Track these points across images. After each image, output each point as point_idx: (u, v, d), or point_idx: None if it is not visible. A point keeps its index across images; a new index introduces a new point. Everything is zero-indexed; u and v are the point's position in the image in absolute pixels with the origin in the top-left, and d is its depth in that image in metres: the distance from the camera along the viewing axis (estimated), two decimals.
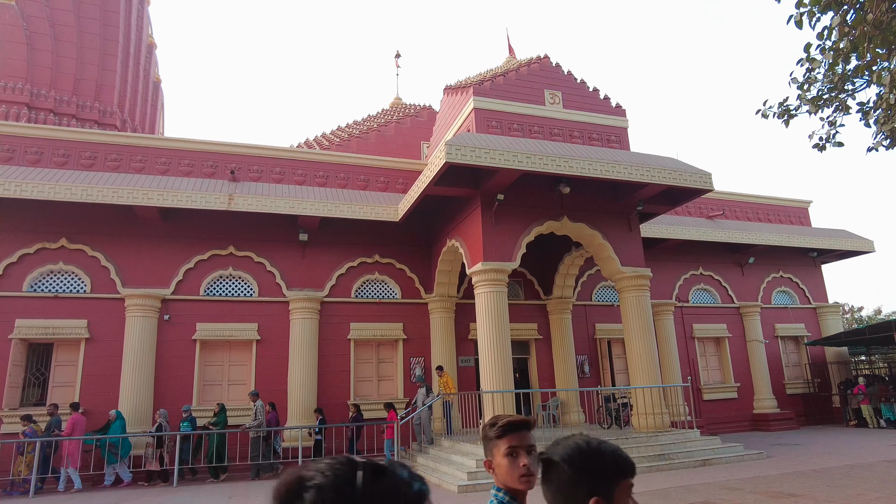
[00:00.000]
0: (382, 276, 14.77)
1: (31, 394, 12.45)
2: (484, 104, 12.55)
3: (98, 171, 13.10)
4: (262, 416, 11.86)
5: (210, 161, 13.92)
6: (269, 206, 12.99)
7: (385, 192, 14.82)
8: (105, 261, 12.92)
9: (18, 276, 12.44)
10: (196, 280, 13.41)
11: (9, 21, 17.14)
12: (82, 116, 17.82)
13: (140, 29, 21.80)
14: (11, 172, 12.00)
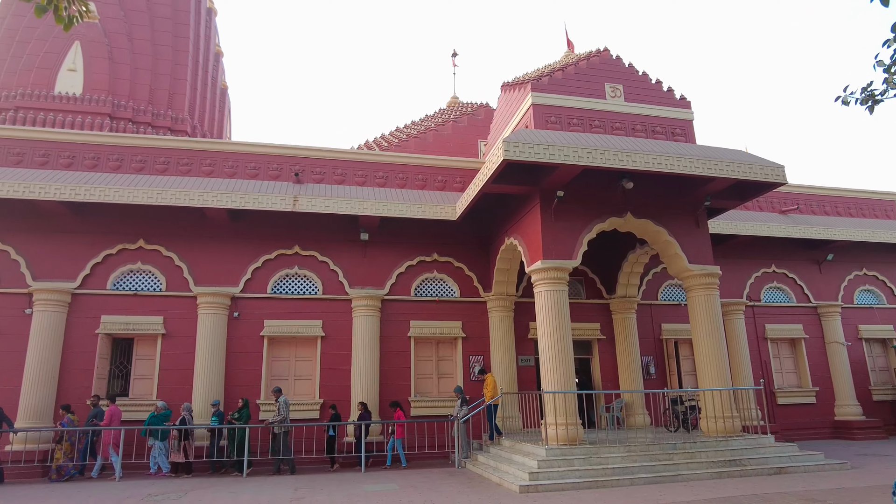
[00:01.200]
0: (441, 275, 14.91)
1: (115, 385, 13.34)
2: (542, 100, 12.45)
3: (171, 175, 13.86)
4: (285, 412, 12.08)
5: (275, 164, 14.46)
6: (331, 207, 13.37)
7: (443, 191, 14.95)
8: (178, 260, 13.67)
9: (103, 275, 13.35)
10: (264, 278, 13.98)
11: (94, 38, 18.38)
12: (157, 124, 18.89)
13: (208, 39, 22.89)
14: (96, 178, 12.89)
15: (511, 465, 10.34)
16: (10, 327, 12.70)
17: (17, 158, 13.40)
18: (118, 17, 19.03)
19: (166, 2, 20.24)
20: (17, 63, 18.06)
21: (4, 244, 13.10)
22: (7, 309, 12.79)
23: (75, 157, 13.65)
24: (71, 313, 13.01)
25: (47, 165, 13.45)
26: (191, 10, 20.86)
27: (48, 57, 17.98)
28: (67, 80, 18.02)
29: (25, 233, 13.24)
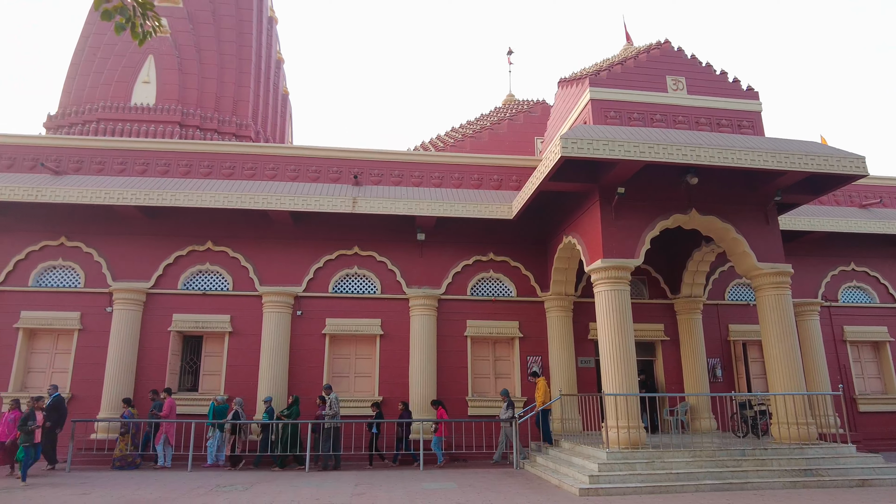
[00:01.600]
0: (497, 274, 14.88)
1: (185, 380, 14.05)
2: (601, 94, 12.21)
3: (237, 179, 14.47)
4: (336, 408, 12.30)
5: (335, 167, 14.84)
6: (389, 208, 13.59)
7: (499, 189, 14.91)
8: (244, 261, 14.24)
9: (174, 275, 14.09)
10: (325, 278, 14.37)
11: (165, 52, 19.43)
12: (223, 130, 19.73)
13: (269, 46, 23.73)
14: (167, 184, 13.62)
15: (570, 468, 10.20)
16: (94, 324, 13.61)
17: (98, 167, 14.34)
18: (187, 30, 20.01)
19: (230, 13, 21.13)
20: (99, 77, 19.30)
21: (88, 247, 14.04)
22: (92, 307, 13.71)
23: (149, 163, 14.47)
24: (146, 311, 13.80)
25: (125, 172, 14.32)
26: (253, 20, 21.69)
27: (125, 71, 19.12)
28: (142, 92, 19.10)
29: (106, 236, 14.14)
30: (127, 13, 4.74)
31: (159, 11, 19.48)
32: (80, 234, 14.12)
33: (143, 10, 4.82)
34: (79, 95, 19.27)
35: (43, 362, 13.67)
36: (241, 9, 21.59)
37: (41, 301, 13.68)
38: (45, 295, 13.73)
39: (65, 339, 13.72)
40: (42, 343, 13.77)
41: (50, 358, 13.69)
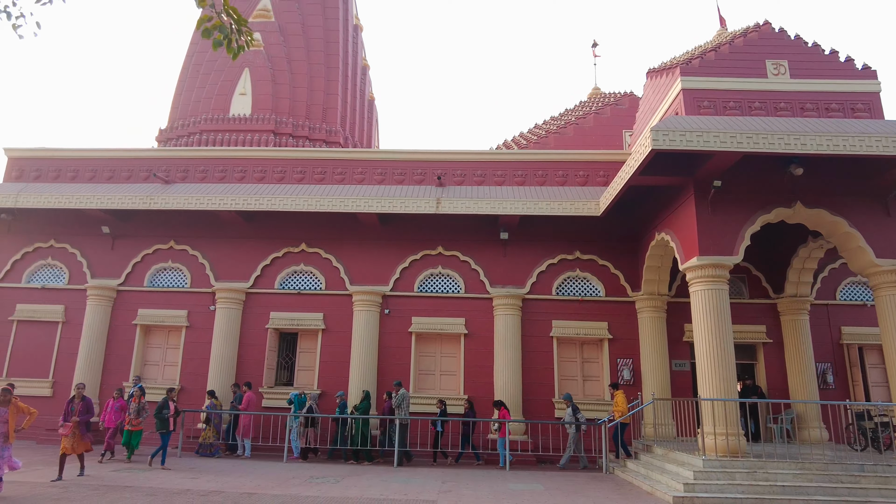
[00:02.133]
0: (584, 274, 14.55)
1: (281, 375, 14.85)
2: (693, 84, 11.63)
3: (328, 183, 15.11)
4: (405, 404, 12.51)
5: (419, 169, 15.13)
6: (471, 208, 13.67)
7: (585, 185, 14.58)
8: (335, 262, 14.84)
9: (271, 275, 14.92)
10: (411, 278, 14.69)
11: (259, 64, 20.63)
12: (313, 137, 20.66)
13: (355, 54, 24.57)
14: (264, 189, 14.46)
15: (663, 475, 9.79)
16: (199, 321, 14.70)
17: (202, 175, 15.47)
18: (278, 42, 21.13)
19: (318, 24, 22.08)
20: (202, 92, 20.82)
21: (194, 249, 15.18)
22: (197, 306, 14.82)
23: (246, 170, 15.42)
24: (245, 310, 14.72)
25: (225, 179, 15.36)
26: (340, 30, 22.55)
27: (224, 84, 20.48)
28: (239, 103, 20.38)
29: (210, 239, 15.23)
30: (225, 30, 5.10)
31: (254, 26, 20.72)
32: (187, 237, 15.28)
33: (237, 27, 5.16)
34: (184, 110, 20.87)
35: (156, 356, 14.94)
36: (328, 19, 22.52)
37: (154, 300, 14.96)
38: (158, 294, 15.00)
39: (174, 335, 14.92)
40: (155, 338, 15.05)
41: (162, 352, 14.94)
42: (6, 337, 14.95)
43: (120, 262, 15.24)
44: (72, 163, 15.87)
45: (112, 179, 15.58)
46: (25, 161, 16.01)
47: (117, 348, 14.74)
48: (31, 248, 15.47)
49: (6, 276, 15.37)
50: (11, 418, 8.16)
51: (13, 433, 8.18)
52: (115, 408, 12.13)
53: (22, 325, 15.04)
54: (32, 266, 15.43)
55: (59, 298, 15.11)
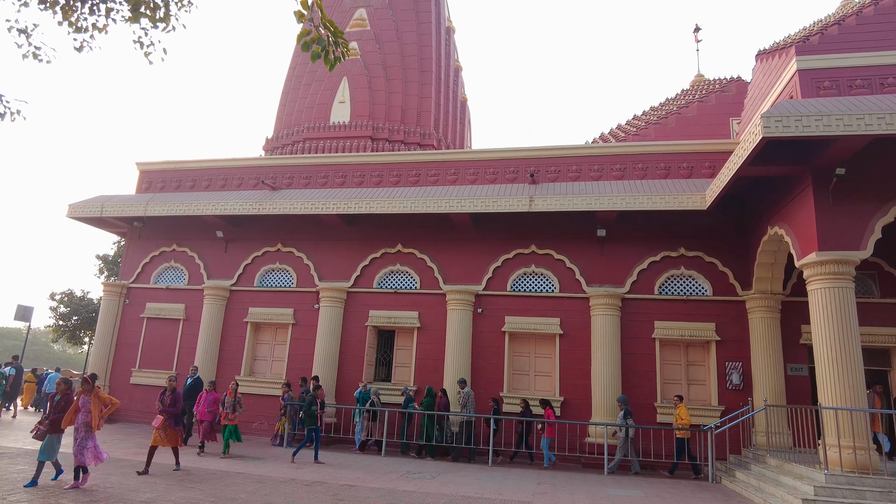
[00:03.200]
0: (689, 271, 13.79)
1: (380, 371, 15.35)
2: (810, 63, 10.67)
3: (422, 185, 15.44)
4: (467, 403, 12.60)
5: (511, 167, 15.07)
6: (566, 205, 13.40)
7: (689, 178, 13.83)
8: (430, 262, 15.12)
9: (370, 275, 15.47)
10: (503, 277, 14.65)
11: (357, 73, 21.48)
12: (408, 140, 21.19)
13: (448, 56, 24.89)
14: (362, 193, 15.02)
15: (778, 487, 9.06)
16: (304, 319, 15.54)
17: (305, 181, 16.36)
18: (374, 50, 21.88)
19: (412, 29, 22.61)
20: (304, 102, 22.02)
21: (299, 251, 16.07)
22: (302, 304, 15.68)
23: (346, 175, 16.11)
24: (346, 308, 15.36)
25: (327, 184, 16.14)
26: (432, 33, 22.95)
27: (325, 94, 21.52)
28: (339, 111, 21.33)
29: (313, 241, 16.06)
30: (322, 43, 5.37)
31: (350, 36, 21.59)
32: (293, 240, 16.21)
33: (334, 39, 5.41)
34: (289, 120, 22.16)
35: (265, 352, 15.98)
36: (420, 23, 23.00)
37: (263, 299, 16.01)
38: (267, 294, 16.03)
39: (282, 332, 15.88)
40: (264, 335, 16.10)
41: (270, 348, 15.96)
42: (138, 332, 16.64)
43: (232, 263, 16.46)
44: (190, 173, 17.37)
45: (225, 187, 16.87)
46: (153, 173, 17.74)
47: (230, 344, 15.93)
48: (158, 252, 17.10)
49: (138, 277, 17.11)
50: (94, 408, 8.11)
51: (99, 421, 8.10)
52: (209, 401, 11.87)
53: (151, 322, 16.66)
54: (159, 268, 17.06)
55: (181, 298, 16.58)
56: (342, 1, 23.03)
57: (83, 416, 8.07)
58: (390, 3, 22.88)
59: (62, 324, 28.40)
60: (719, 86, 17.78)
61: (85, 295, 29.44)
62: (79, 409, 8.13)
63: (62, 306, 28.44)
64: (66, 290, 28.92)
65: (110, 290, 17.02)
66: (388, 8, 22.64)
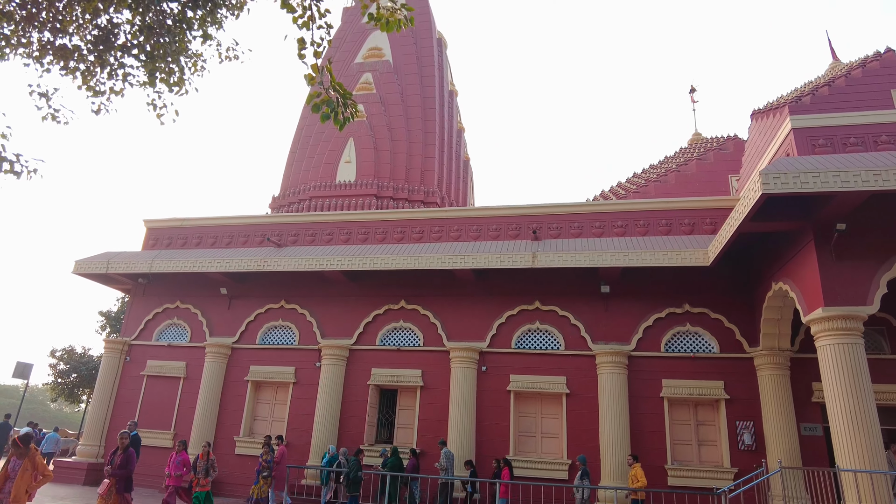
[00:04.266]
0: (695, 328, 13.65)
1: (382, 432, 14.97)
2: (804, 122, 10.94)
3: (425, 241, 15.56)
4: (446, 464, 12.21)
5: (514, 224, 15.22)
6: (569, 261, 13.42)
7: (691, 234, 13.91)
8: (433, 318, 15.03)
9: (372, 332, 15.35)
10: (507, 334, 14.52)
11: (363, 134, 22.09)
12: (412, 198, 21.53)
13: (451, 118, 25.65)
14: (366, 250, 15.13)
15: None
16: (305, 378, 15.32)
17: (310, 238, 16.51)
18: (380, 112, 22.57)
19: (416, 92, 23.40)
20: (311, 162, 22.53)
21: (302, 308, 16.02)
22: (304, 362, 15.49)
23: (351, 232, 16.27)
24: (348, 366, 15.16)
25: (331, 241, 16.27)
26: (436, 96, 23.74)
27: (331, 154, 22.05)
28: (344, 171, 21.79)
29: (316, 298, 16.04)
30: (332, 104, 5.55)
31: (357, 98, 22.32)
32: (296, 296, 16.20)
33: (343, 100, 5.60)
34: (295, 178, 22.61)
35: (265, 411, 15.66)
36: (425, 87, 23.84)
37: (264, 357, 15.84)
38: (268, 351, 15.88)
39: (282, 392, 15.62)
40: (265, 394, 15.83)
41: (270, 408, 15.65)
42: (138, 390, 16.39)
43: (235, 320, 16.38)
44: (197, 230, 17.58)
45: (231, 244, 17.03)
46: (160, 230, 17.96)
47: (230, 403, 15.64)
48: (161, 309, 17.07)
49: (140, 334, 17.01)
50: (22, 479, 6.75)
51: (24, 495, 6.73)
52: (177, 462, 10.46)
53: (151, 380, 16.44)
54: (161, 325, 16.98)
55: (182, 355, 16.42)
56: (349, 65, 23.97)
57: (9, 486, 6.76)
58: (395, 68, 23.80)
59: (61, 381, 28.07)
60: (717, 144, 18.18)
61: (86, 352, 29.22)
62: (8, 475, 6.83)
63: (62, 363, 28.19)
64: (66, 347, 28.74)
65: (111, 346, 16.89)
66: (394, 72, 23.53)
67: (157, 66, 6.80)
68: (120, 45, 6.71)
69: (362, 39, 24.85)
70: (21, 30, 6.28)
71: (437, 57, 25.29)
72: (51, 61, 6.62)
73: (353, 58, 24.35)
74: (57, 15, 6.33)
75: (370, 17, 5.94)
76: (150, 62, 6.75)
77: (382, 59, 23.72)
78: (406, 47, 24.21)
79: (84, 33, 6.66)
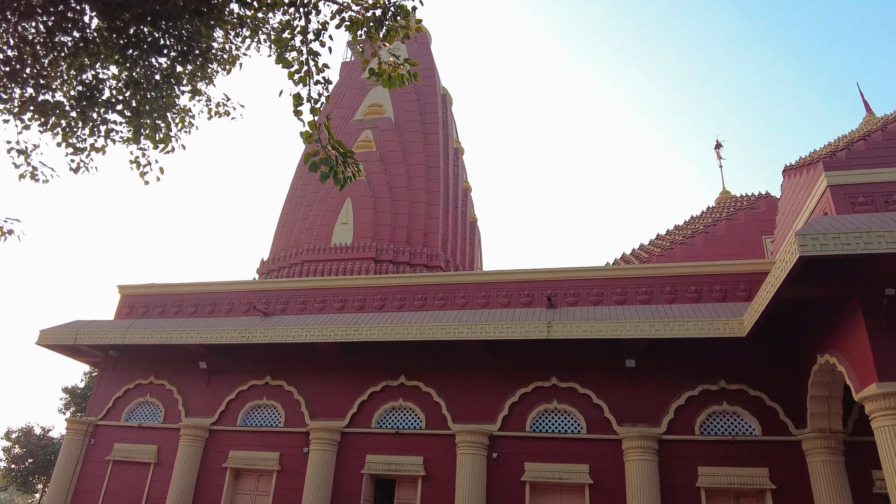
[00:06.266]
0: (732, 407, 13.34)
1: None
2: (841, 179, 11.10)
3: (428, 309, 15.51)
4: None
5: (526, 290, 15.21)
6: (589, 332, 13.30)
7: (723, 302, 13.83)
8: (437, 396, 14.77)
9: (368, 412, 15.07)
10: (521, 415, 14.20)
11: (361, 193, 22.52)
12: (414, 262, 21.67)
13: (456, 177, 26.17)
14: (363, 319, 15.08)
15: None
16: (291, 464, 14.91)
17: (301, 306, 16.51)
18: (380, 171, 23.08)
19: (419, 150, 24.01)
20: (304, 223, 22.86)
21: (290, 385, 15.81)
22: (290, 447, 15.13)
23: (346, 300, 16.28)
24: (340, 452, 14.79)
25: (324, 310, 16.25)
26: (440, 154, 24.34)
27: (327, 214, 22.40)
28: (341, 233, 22.07)
29: (306, 373, 15.86)
30: (331, 163, 5.67)
31: (356, 157, 22.87)
32: (283, 371, 16.02)
33: (343, 159, 5.72)
34: (287, 241, 22.87)
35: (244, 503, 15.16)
36: (428, 144, 24.48)
37: (246, 441, 15.49)
38: (250, 434, 15.54)
39: (265, 481, 15.15)
40: (245, 484, 15.36)
41: (251, 500, 15.14)
42: (102, 478, 15.94)
43: (214, 399, 16.14)
44: (176, 297, 17.62)
45: (213, 313, 17.01)
46: (135, 298, 18.01)
47: (206, 493, 15.16)
48: (133, 385, 16.87)
49: (108, 413, 16.74)
50: None
51: None
52: None
53: (117, 466, 16.02)
54: (132, 403, 16.73)
55: (153, 438, 16.08)
56: (348, 122, 24.73)
57: None
58: (397, 125, 24.53)
59: (14, 467, 27.38)
60: (747, 202, 18.39)
61: (45, 433, 28.68)
62: None
63: (17, 447, 27.59)
64: (24, 427, 28.22)
65: (75, 427, 16.58)
66: (395, 129, 24.23)
67: (143, 121, 7.01)
68: (104, 101, 6.96)
69: (362, 95, 25.77)
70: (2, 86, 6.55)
71: (442, 113, 26.11)
72: (31, 117, 6.85)
73: (353, 114, 25.16)
74: (42, 71, 6.61)
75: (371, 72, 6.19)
76: (134, 118, 6.97)
77: (383, 116, 24.51)
78: (408, 103, 25.05)
79: (68, 89, 6.93)
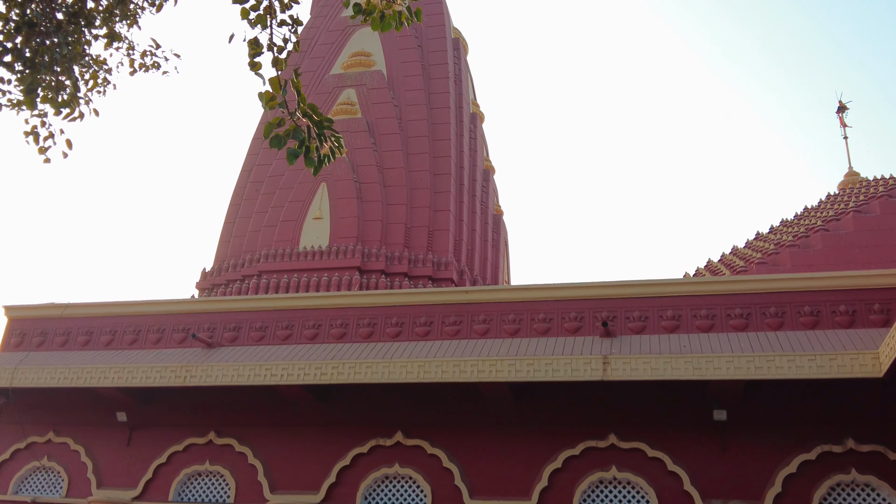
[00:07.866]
0: (865, 477, 13.19)
1: None
2: None
3: (434, 339, 15.44)
4: None
5: (573, 311, 15.11)
6: (662, 371, 13.17)
7: (851, 328, 13.70)
8: (448, 460, 14.68)
9: (352, 483, 14.94)
10: (567, 487, 14.07)
11: (341, 176, 22.55)
12: (414, 273, 21.63)
13: (473, 153, 26.12)
14: (344, 352, 15.06)
15: None
16: None
17: (259, 334, 16.51)
18: (367, 145, 23.11)
19: (421, 115, 23.99)
20: (262, 219, 22.92)
21: (242, 444, 15.79)
22: None
23: (321, 325, 16.25)
24: None
25: (290, 339, 16.24)
26: (451, 121, 24.30)
27: (293, 206, 22.44)
28: (313, 231, 22.11)
29: (265, 427, 15.85)
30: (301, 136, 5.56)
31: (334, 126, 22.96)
32: (233, 425, 16.01)
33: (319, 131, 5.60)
34: (237, 244, 22.92)
35: None
36: (434, 109, 24.41)
37: None
38: None
39: None
40: None
41: None
42: None
43: (138, 463, 16.16)
44: (84, 322, 17.65)
45: (136, 344, 17.05)
46: (28, 322, 18.05)
47: None
48: (24, 445, 16.92)
49: None
50: None
51: None
52: None
53: None
54: (23, 470, 16.78)
55: None
56: (323, 78, 24.79)
57: None
58: (391, 82, 24.50)
59: None
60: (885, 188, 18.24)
61: None
62: None
63: None
64: None
65: None
66: (388, 87, 24.18)
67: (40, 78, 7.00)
68: None
69: (343, 41, 25.81)
70: None
71: (454, 65, 26.10)
72: None
73: (329, 67, 25.21)
74: None
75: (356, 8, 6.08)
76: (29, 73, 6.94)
77: (372, 69, 24.54)
78: (407, 51, 25.05)
79: None
